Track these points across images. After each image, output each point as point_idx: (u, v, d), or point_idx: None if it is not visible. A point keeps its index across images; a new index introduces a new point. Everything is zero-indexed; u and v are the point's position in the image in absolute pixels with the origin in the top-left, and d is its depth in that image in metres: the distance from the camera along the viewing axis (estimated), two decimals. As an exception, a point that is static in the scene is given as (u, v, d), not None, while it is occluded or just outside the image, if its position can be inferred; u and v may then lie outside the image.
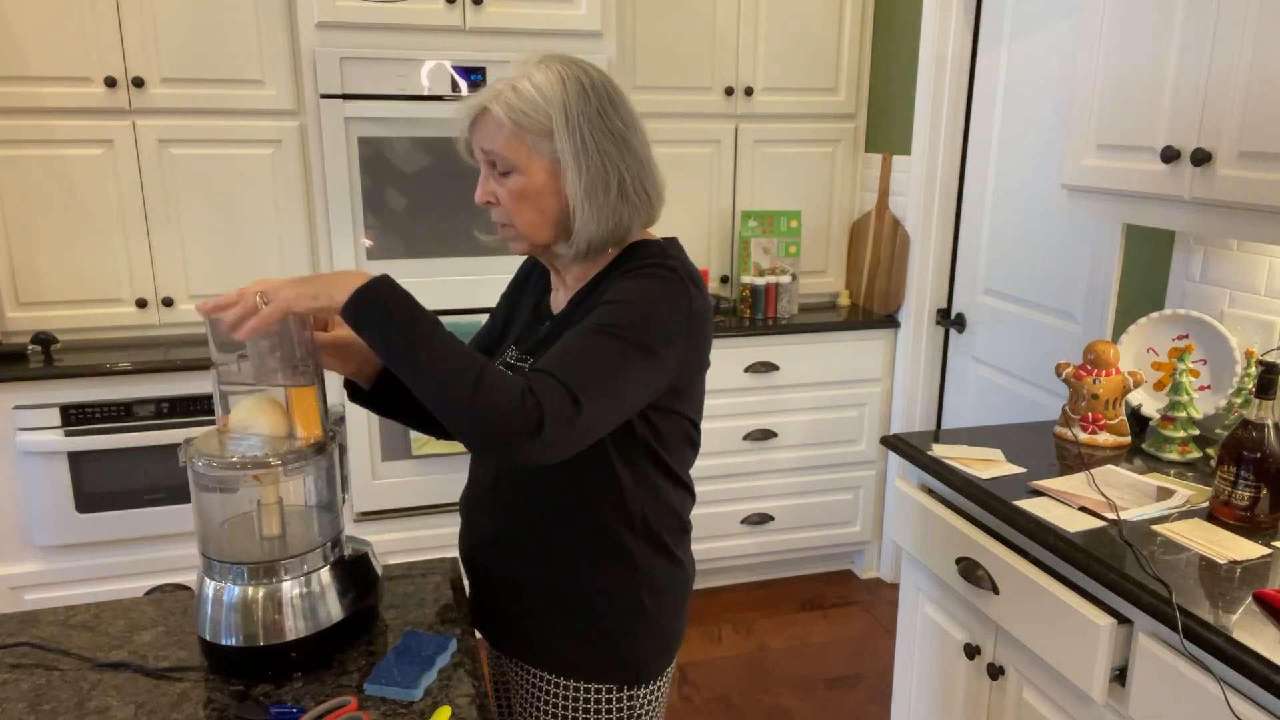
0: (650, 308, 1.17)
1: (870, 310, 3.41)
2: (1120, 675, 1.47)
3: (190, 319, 2.88)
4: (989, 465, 1.85)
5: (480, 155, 1.23)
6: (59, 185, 2.71)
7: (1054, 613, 1.54)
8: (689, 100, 3.24)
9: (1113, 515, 1.62)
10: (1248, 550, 1.48)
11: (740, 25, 3.23)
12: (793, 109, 3.35)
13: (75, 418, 2.59)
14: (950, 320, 3.16)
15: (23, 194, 2.69)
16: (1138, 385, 1.97)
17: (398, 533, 2.96)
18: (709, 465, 3.20)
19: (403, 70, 2.67)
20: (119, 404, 2.63)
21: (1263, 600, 1.33)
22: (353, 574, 1.26)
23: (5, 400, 2.56)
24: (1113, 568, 1.45)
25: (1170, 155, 1.67)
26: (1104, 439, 1.97)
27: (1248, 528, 1.56)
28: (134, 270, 2.81)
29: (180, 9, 2.69)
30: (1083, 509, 1.65)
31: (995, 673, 1.75)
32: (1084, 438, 1.98)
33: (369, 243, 2.74)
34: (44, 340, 2.67)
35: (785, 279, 3.29)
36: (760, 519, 3.31)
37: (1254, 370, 1.84)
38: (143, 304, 2.82)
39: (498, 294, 1.92)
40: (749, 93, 3.27)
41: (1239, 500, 1.56)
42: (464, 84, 2.73)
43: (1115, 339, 2.31)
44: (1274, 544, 1.50)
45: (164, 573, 2.78)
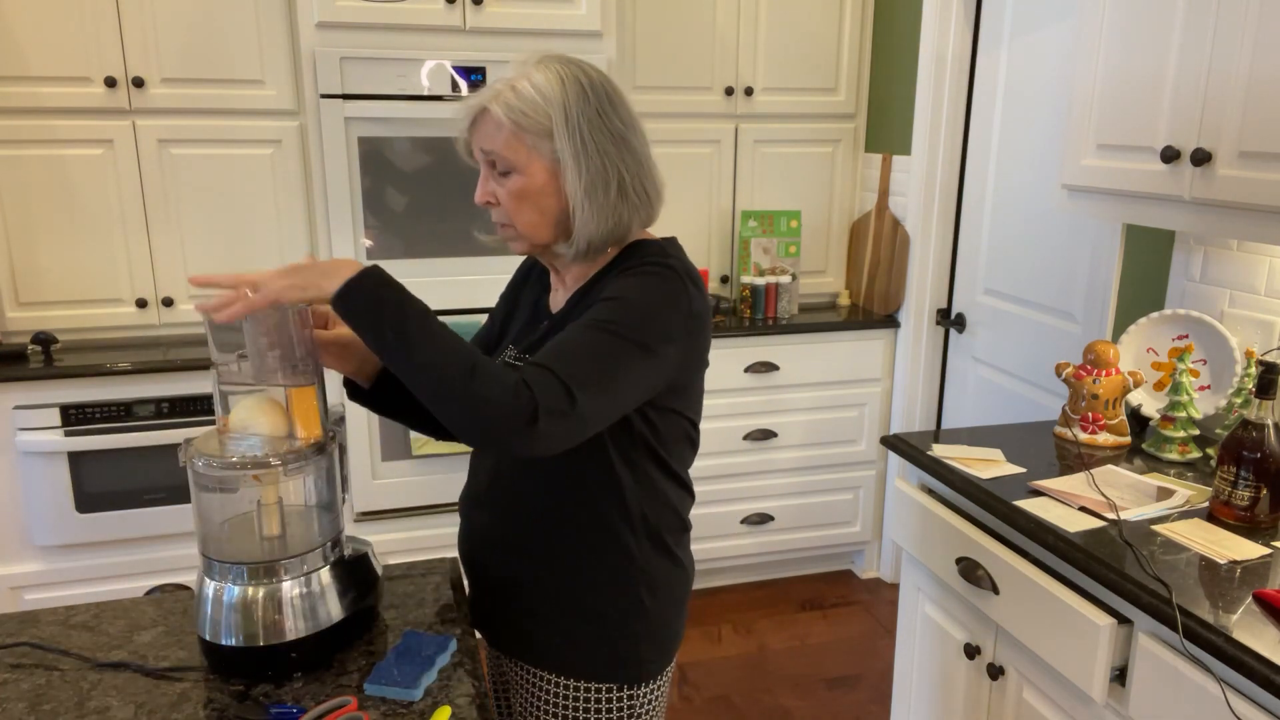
0: (648, 305, 1.17)
1: (870, 310, 3.41)
2: (1120, 675, 1.47)
3: (190, 319, 2.88)
4: (989, 465, 1.85)
5: (480, 155, 1.23)
6: (59, 185, 2.71)
7: (1054, 613, 1.54)
8: (689, 100, 3.24)
9: (1113, 515, 1.62)
10: (1248, 550, 1.48)
11: (740, 25, 3.23)
12: (793, 109, 3.35)
13: (75, 418, 2.59)
14: (950, 320, 3.16)
15: (23, 194, 2.69)
16: (1138, 385, 1.97)
17: (398, 533, 2.96)
18: (709, 465, 3.20)
19: (403, 70, 2.67)
20: (119, 404, 2.63)
21: (1263, 600, 1.33)
22: (353, 574, 1.26)
23: (5, 400, 2.56)
24: (1113, 568, 1.45)
25: (1170, 155, 1.67)
26: (1104, 439, 1.97)
27: (1248, 528, 1.56)
28: (134, 270, 2.81)
29: (180, 9, 2.70)
30: (1083, 509, 1.65)
31: (995, 673, 1.76)
32: (1084, 438, 1.98)
33: (369, 243, 2.74)
34: (44, 340, 2.67)
35: (785, 279, 3.29)
36: (760, 519, 3.31)
37: (1254, 370, 1.84)
38: (143, 304, 2.82)
39: (498, 294, 1.91)
40: (749, 93, 3.27)
41: (1239, 500, 1.56)
42: (464, 84, 2.73)
43: (1115, 339, 2.31)
44: (1274, 544, 1.50)
45: (164, 573, 2.79)
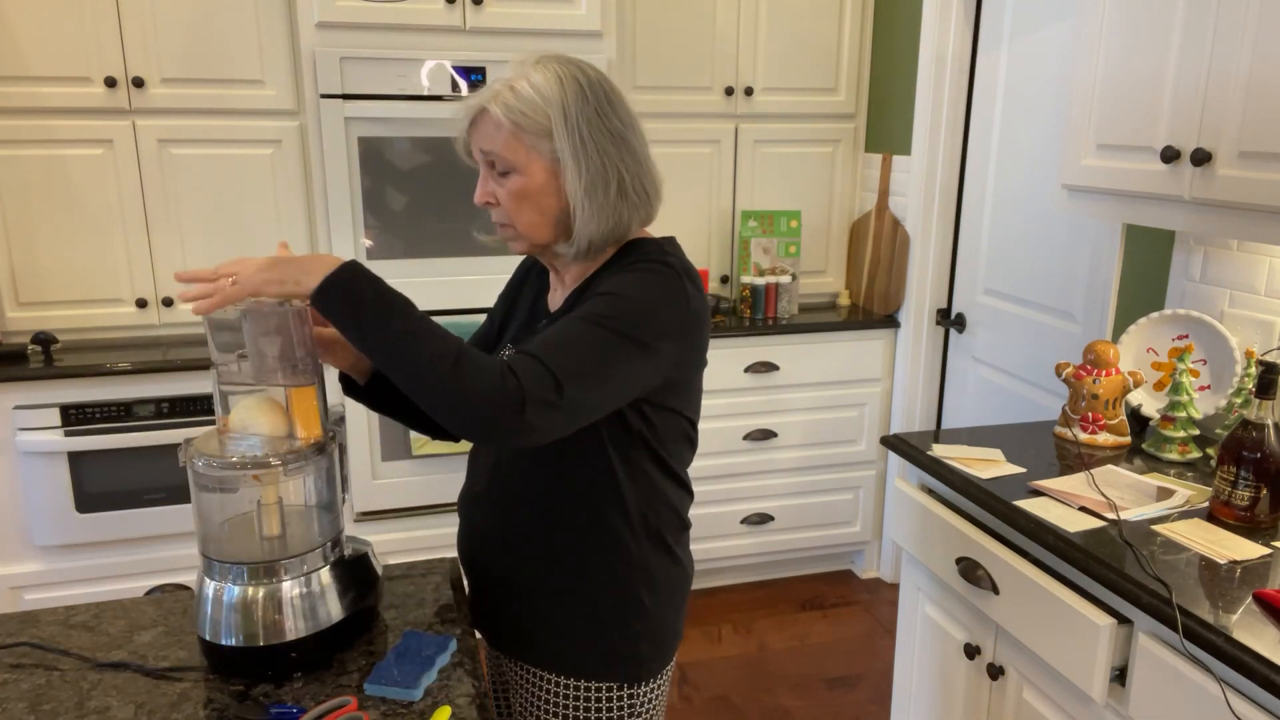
0: (644, 301, 1.17)
1: (870, 310, 3.41)
2: (1120, 675, 1.47)
3: (190, 319, 2.88)
4: (989, 465, 1.85)
5: (479, 156, 1.23)
6: (59, 185, 2.71)
7: (1054, 613, 1.54)
8: (689, 100, 3.24)
9: (1113, 515, 1.62)
10: (1248, 550, 1.48)
11: (740, 25, 3.23)
12: (793, 109, 3.35)
13: (75, 418, 2.59)
14: (950, 320, 3.16)
15: (23, 194, 2.69)
16: (1138, 385, 1.96)
17: (398, 533, 2.96)
18: (709, 465, 3.20)
19: (403, 70, 2.67)
20: (119, 404, 2.63)
21: (1263, 600, 1.33)
22: (353, 574, 1.26)
23: (5, 400, 2.56)
24: (1113, 568, 1.45)
25: (1170, 155, 1.67)
26: (1104, 439, 1.97)
27: (1248, 528, 1.56)
28: (134, 270, 2.81)
29: (180, 9, 2.69)
30: (1083, 509, 1.65)
31: (995, 673, 1.75)
32: (1084, 438, 1.98)
33: (369, 243, 2.74)
34: (44, 340, 2.67)
35: (785, 279, 3.29)
36: (760, 519, 3.31)
37: (1254, 370, 1.84)
38: (143, 304, 2.82)
39: (497, 294, 1.92)
40: (749, 93, 3.27)
41: (1239, 500, 1.56)
42: (464, 84, 2.73)
43: (1115, 339, 2.31)
44: (1274, 544, 1.50)
45: (164, 573, 2.79)
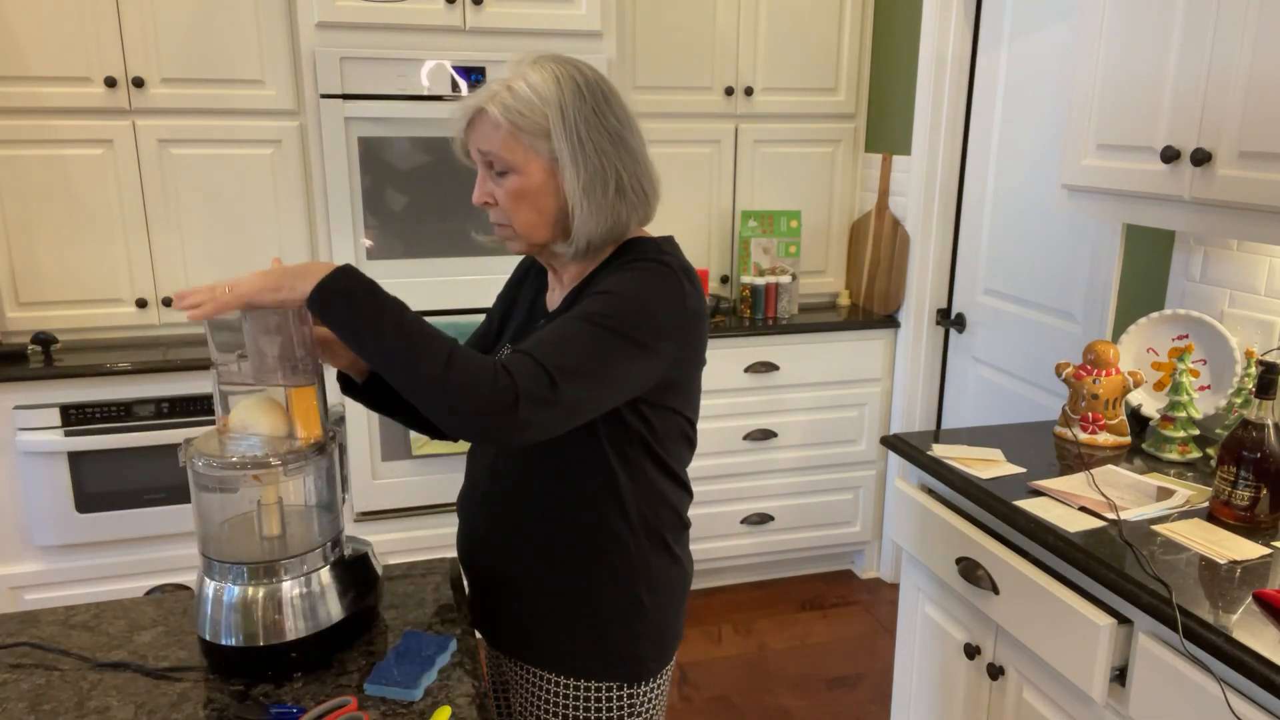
0: (641, 299, 1.17)
1: (870, 310, 3.41)
2: (1120, 675, 1.47)
3: (188, 317, 2.88)
4: (989, 465, 1.85)
5: (477, 156, 1.23)
6: (59, 185, 2.71)
7: (1054, 613, 1.54)
8: (689, 100, 3.24)
9: (1113, 515, 1.62)
10: (1248, 550, 1.48)
11: (740, 25, 3.23)
12: (793, 109, 3.35)
13: (75, 418, 2.59)
14: (950, 320, 3.16)
15: (23, 194, 2.69)
16: (1138, 385, 1.96)
17: (398, 533, 2.96)
18: (709, 465, 3.20)
19: (403, 70, 2.67)
20: (119, 404, 2.63)
21: (1263, 600, 1.33)
22: (353, 574, 1.26)
23: (5, 400, 2.56)
24: (1113, 568, 1.45)
25: (1170, 155, 1.67)
26: (1104, 439, 1.97)
27: (1248, 528, 1.56)
28: (134, 270, 2.81)
29: (180, 9, 2.69)
30: (1083, 509, 1.65)
31: (995, 673, 1.75)
32: (1084, 438, 1.98)
33: (369, 243, 2.74)
34: (44, 340, 2.67)
35: (785, 279, 3.29)
36: (760, 519, 3.31)
37: (1254, 370, 1.84)
38: (143, 304, 2.82)
39: (497, 294, 1.92)
40: (749, 93, 3.27)
41: (1239, 500, 1.56)
42: (464, 84, 2.73)
43: (1115, 339, 2.31)
44: (1274, 544, 1.50)
45: (164, 573, 2.79)
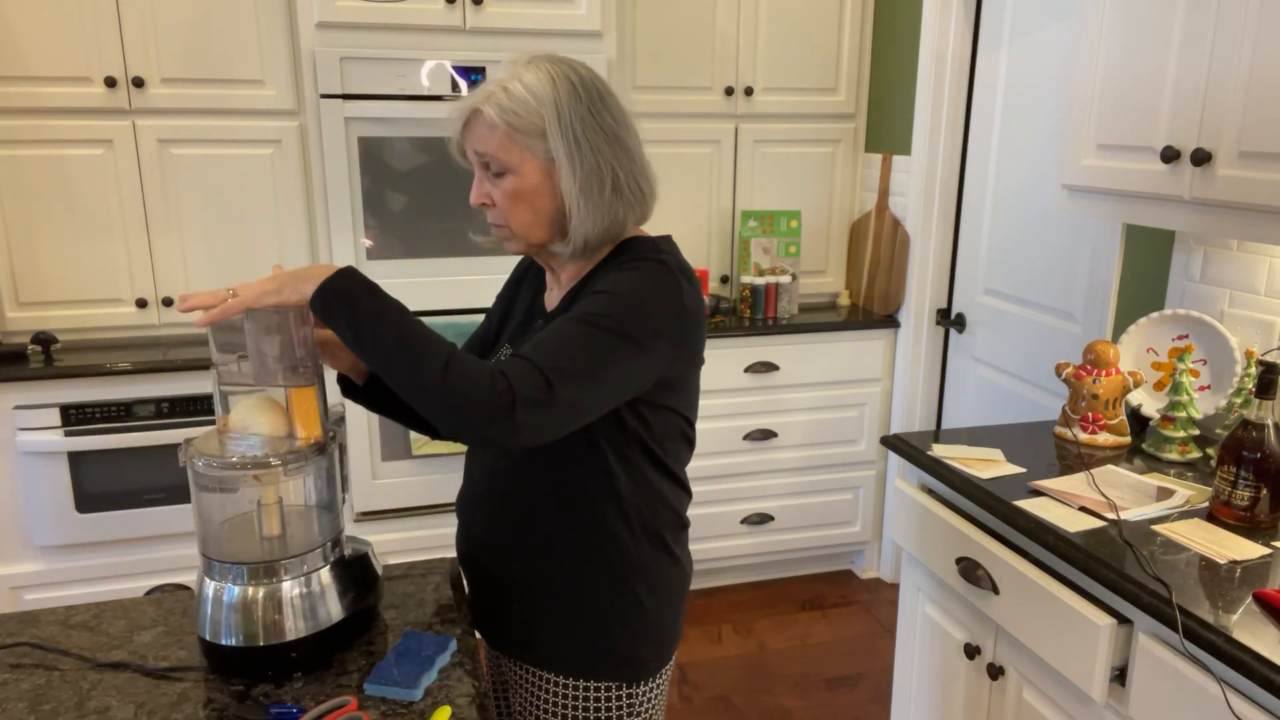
0: (639, 299, 1.17)
1: (870, 310, 3.41)
2: (1120, 675, 1.47)
3: (190, 320, 2.88)
4: (989, 465, 1.85)
5: (474, 157, 1.23)
6: (59, 185, 2.71)
7: (1054, 613, 1.54)
8: (689, 100, 3.24)
9: (1113, 515, 1.62)
10: (1248, 550, 1.48)
11: (740, 25, 3.23)
12: (793, 109, 3.35)
13: (75, 418, 2.59)
14: (950, 320, 3.16)
15: (23, 194, 2.69)
16: (1138, 385, 1.96)
17: (398, 533, 2.96)
18: (709, 465, 3.20)
19: (403, 70, 2.67)
20: (119, 404, 2.63)
21: (1263, 600, 1.33)
22: (353, 574, 1.26)
23: (5, 400, 2.56)
24: (1113, 568, 1.45)
25: (1170, 155, 1.67)
26: (1104, 439, 1.97)
27: (1248, 528, 1.56)
28: (134, 270, 2.81)
29: (180, 9, 2.69)
30: (1083, 509, 1.65)
31: (995, 673, 1.76)
32: (1084, 438, 1.98)
33: (369, 243, 2.74)
34: (44, 340, 2.67)
35: (785, 279, 3.29)
36: (760, 519, 3.31)
37: (1254, 370, 1.84)
38: (143, 304, 2.82)
39: (496, 294, 1.92)
40: (749, 93, 3.27)
41: (1239, 500, 1.56)
42: (464, 84, 2.73)
43: (1115, 339, 2.31)
44: (1274, 544, 1.50)
45: (164, 573, 2.79)
